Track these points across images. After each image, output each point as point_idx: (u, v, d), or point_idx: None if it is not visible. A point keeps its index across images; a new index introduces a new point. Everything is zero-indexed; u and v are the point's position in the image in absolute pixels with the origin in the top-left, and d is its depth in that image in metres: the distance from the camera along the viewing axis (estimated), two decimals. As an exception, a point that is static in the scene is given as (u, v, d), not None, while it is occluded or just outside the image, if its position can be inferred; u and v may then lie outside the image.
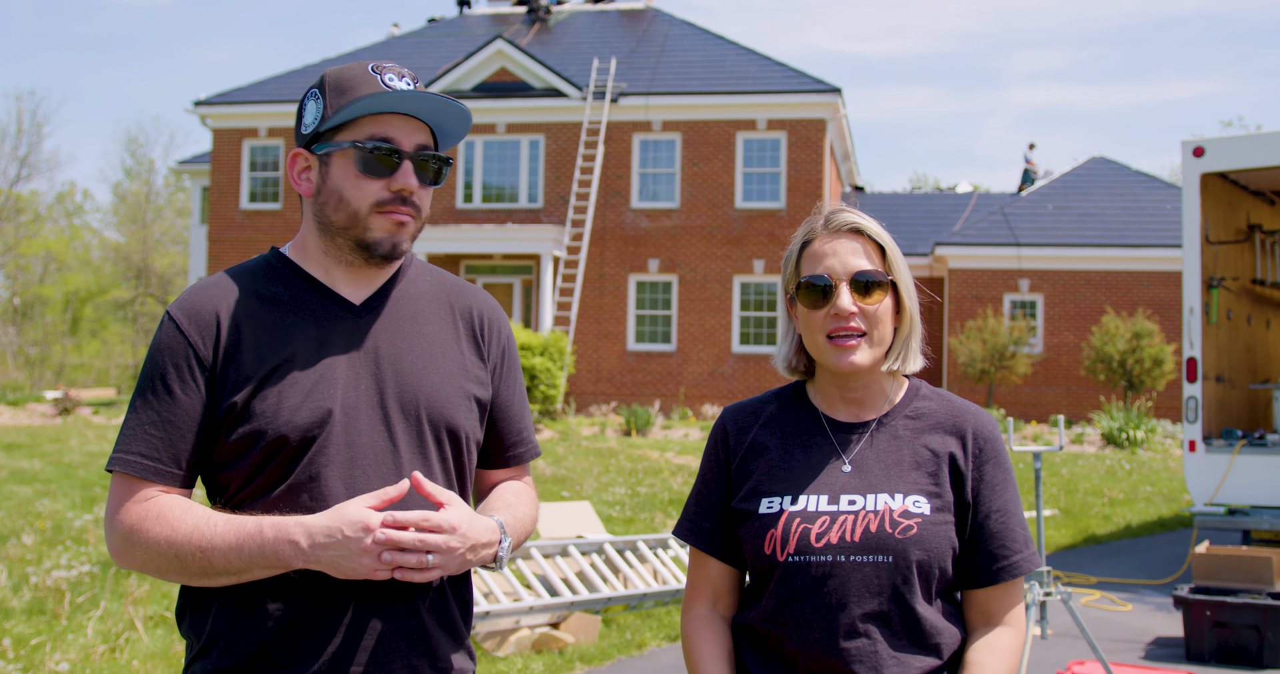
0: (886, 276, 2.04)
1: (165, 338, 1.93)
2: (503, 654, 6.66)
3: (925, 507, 1.98)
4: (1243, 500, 9.44)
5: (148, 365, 1.93)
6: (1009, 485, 2.06)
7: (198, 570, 1.84)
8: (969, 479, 2.02)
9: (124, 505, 1.88)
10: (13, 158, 49.49)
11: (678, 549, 8.37)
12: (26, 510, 10.62)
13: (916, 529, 1.95)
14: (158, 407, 1.90)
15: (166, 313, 1.95)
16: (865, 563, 1.95)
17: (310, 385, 1.91)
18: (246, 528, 1.83)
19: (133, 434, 1.90)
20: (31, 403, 22.78)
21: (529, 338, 19.98)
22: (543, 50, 27.20)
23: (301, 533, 1.80)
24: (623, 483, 13.72)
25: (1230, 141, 9.93)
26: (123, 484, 1.90)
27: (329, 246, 2.01)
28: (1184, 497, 14.28)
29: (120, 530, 1.88)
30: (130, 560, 1.89)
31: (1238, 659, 6.98)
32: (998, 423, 2.16)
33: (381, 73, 1.96)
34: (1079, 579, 9.70)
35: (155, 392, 1.91)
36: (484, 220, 25.13)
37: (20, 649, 6.15)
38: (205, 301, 1.94)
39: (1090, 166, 30.46)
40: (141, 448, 1.89)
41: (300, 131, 2.04)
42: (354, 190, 1.95)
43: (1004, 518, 2.03)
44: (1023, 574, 2.02)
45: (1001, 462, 2.06)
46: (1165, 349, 22.90)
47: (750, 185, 24.61)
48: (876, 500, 1.98)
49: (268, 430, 1.88)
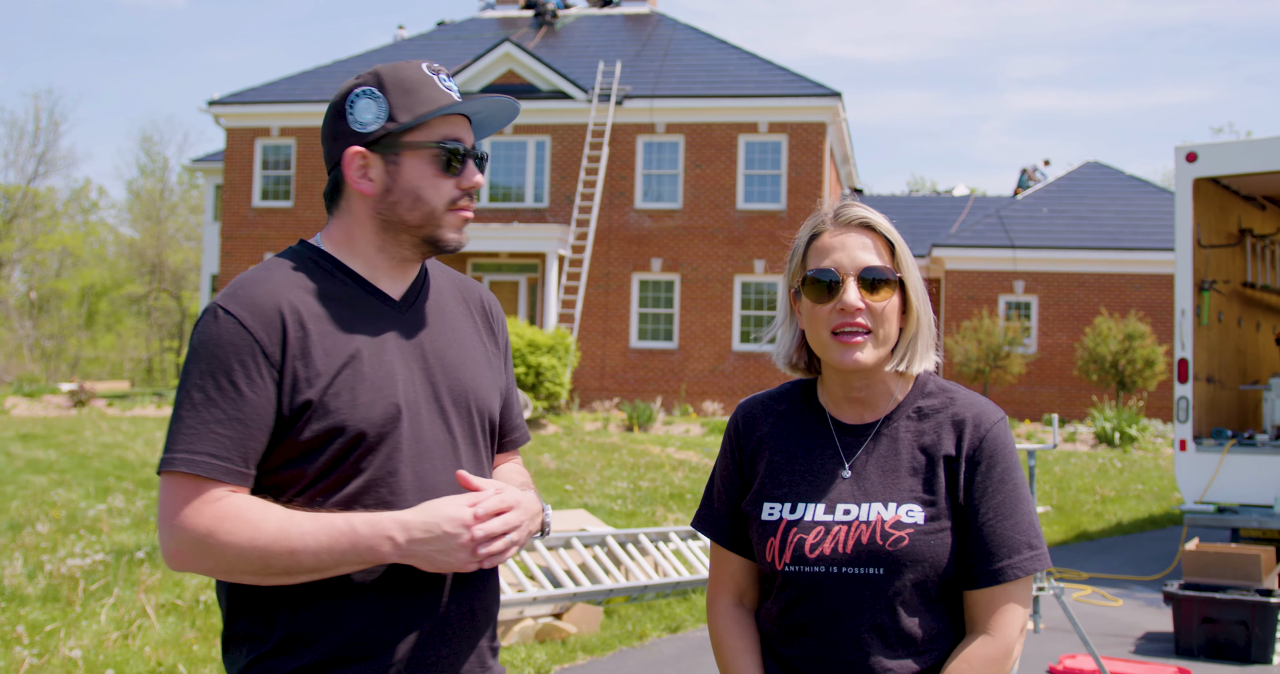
0: (895, 274, 1.95)
1: (226, 334, 1.84)
2: (506, 644, 6.66)
3: (919, 516, 1.89)
4: (1232, 499, 9.43)
5: (204, 362, 1.83)
6: (1005, 486, 1.92)
7: (281, 570, 1.79)
8: (960, 480, 1.92)
9: (191, 507, 1.78)
10: (30, 155, 49.56)
11: (678, 542, 8.37)
12: (42, 500, 10.64)
13: (908, 541, 1.88)
14: (224, 404, 1.81)
15: (221, 308, 1.86)
16: (856, 575, 1.89)
17: (379, 381, 1.90)
18: (337, 525, 1.79)
19: (197, 432, 1.81)
20: (47, 395, 22.80)
21: (536, 336, 19.98)
22: (549, 53, 27.19)
23: (398, 528, 1.80)
24: (625, 477, 13.72)
25: (1222, 147, 9.92)
26: (187, 485, 1.80)
27: (387, 243, 1.99)
28: (1174, 495, 14.27)
29: (192, 534, 1.78)
30: (201, 563, 1.80)
31: (1226, 654, 6.97)
32: (1005, 419, 1.98)
33: (437, 73, 1.98)
34: (1071, 575, 9.70)
35: (220, 388, 1.82)
36: (491, 219, 25.13)
37: (35, 635, 6.16)
38: (265, 297, 1.87)
39: (1084, 171, 30.44)
40: (210, 447, 1.80)
41: (352, 130, 1.97)
42: (432, 190, 1.96)
43: (996, 521, 1.90)
44: (1009, 580, 1.89)
45: (998, 461, 1.93)
46: (1157, 350, 22.89)
47: (751, 187, 24.59)
48: (870, 510, 1.91)
49: (346, 426, 1.85)
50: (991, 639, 1.89)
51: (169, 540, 1.80)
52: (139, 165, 58.32)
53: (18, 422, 18.58)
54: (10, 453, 14.00)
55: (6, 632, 6.16)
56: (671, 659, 6.68)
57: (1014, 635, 1.90)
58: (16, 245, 48.12)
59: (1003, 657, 1.89)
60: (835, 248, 1.96)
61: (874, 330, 1.93)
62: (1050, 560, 1.95)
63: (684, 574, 8.05)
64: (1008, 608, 1.90)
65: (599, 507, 11.57)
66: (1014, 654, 1.91)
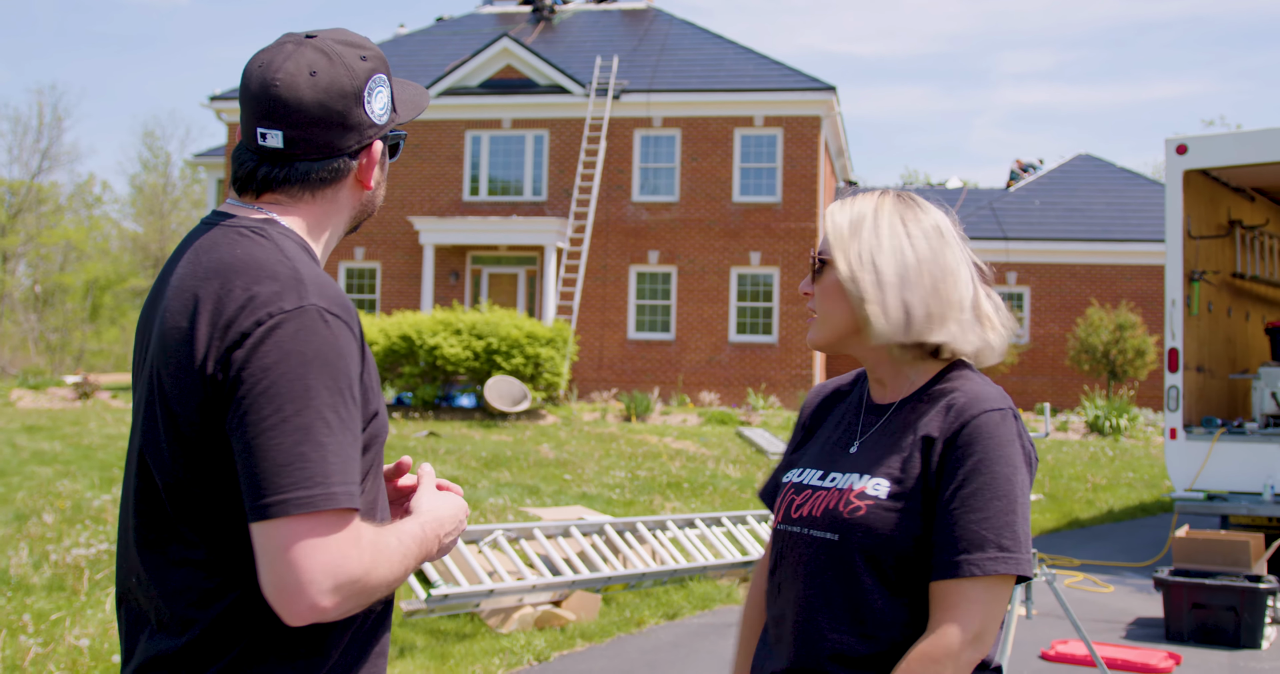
0: (825, 256, 1.97)
1: (344, 343, 1.58)
2: (506, 631, 6.67)
3: (883, 490, 1.85)
4: (1221, 486, 9.45)
5: (329, 376, 1.55)
6: (980, 477, 1.79)
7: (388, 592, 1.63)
8: (933, 464, 1.83)
9: (353, 546, 1.52)
10: (35, 150, 49.46)
11: (676, 531, 8.38)
12: (47, 490, 10.63)
13: (864, 511, 1.84)
14: (352, 425, 1.57)
15: (326, 311, 1.59)
16: (818, 538, 1.89)
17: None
18: (414, 533, 1.67)
19: (346, 461, 1.54)
20: (52, 387, 22.78)
21: (535, 327, 19.96)
22: (547, 48, 27.13)
23: (437, 525, 1.73)
24: (623, 467, 13.73)
25: (1212, 140, 9.91)
26: (338, 523, 1.51)
27: (340, 235, 1.84)
28: (1165, 482, 14.29)
29: (350, 578, 1.51)
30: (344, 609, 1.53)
31: (1215, 639, 6.99)
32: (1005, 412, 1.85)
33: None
34: (1063, 561, 9.71)
35: (347, 406, 1.56)
36: (490, 213, 25.10)
37: (40, 624, 6.16)
38: (345, 299, 1.64)
39: (1076, 163, 30.44)
40: (355, 476, 1.55)
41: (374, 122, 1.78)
42: (385, 178, 1.87)
43: (962, 512, 1.77)
44: (964, 575, 1.75)
45: (978, 450, 1.80)
46: (1147, 340, 22.91)
47: (747, 180, 24.56)
48: (847, 479, 1.91)
49: (384, 430, 1.72)
50: (934, 638, 1.76)
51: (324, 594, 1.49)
52: (141, 160, 58.26)
53: (23, 414, 18.58)
54: (16, 444, 13.99)
55: (13, 621, 6.16)
56: (669, 645, 6.69)
57: (957, 638, 1.74)
58: (21, 240, 48.06)
59: (941, 658, 1.74)
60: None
61: (818, 311, 1.99)
62: (1030, 568, 1.78)
63: (681, 562, 8.06)
64: (961, 607, 1.75)
65: (597, 496, 11.58)
66: (959, 660, 1.74)
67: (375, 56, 1.78)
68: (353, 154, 1.76)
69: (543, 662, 6.24)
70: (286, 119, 1.71)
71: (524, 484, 12.09)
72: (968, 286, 1.93)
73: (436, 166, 25.61)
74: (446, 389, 19.95)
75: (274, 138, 1.72)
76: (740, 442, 17.25)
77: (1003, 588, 1.77)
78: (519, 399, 18.76)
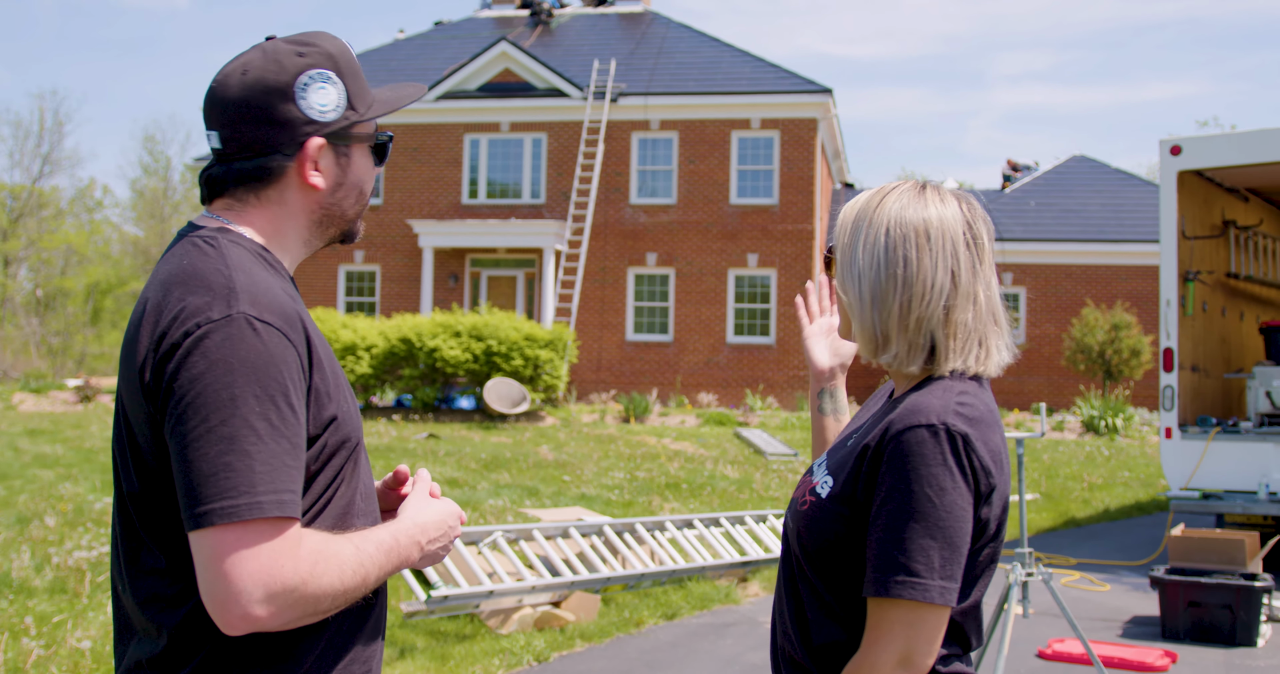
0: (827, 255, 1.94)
1: (275, 350, 1.55)
2: (506, 631, 6.67)
3: (827, 489, 1.79)
4: (1217, 485, 9.45)
5: (261, 384, 1.53)
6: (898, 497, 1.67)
7: (346, 602, 1.59)
8: (862, 476, 1.74)
9: (285, 555, 1.50)
10: (36, 155, 49.43)
11: (674, 531, 8.37)
12: (49, 493, 10.62)
13: (808, 506, 1.81)
14: (287, 432, 1.54)
15: (255, 318, 1.56)
16: (788, 528, 1.89)
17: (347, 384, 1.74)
18: (385, 541, 1.64)
19: (275, 469, 1.51)
20: (54, 390, 22.76)
21: (534, 330, 19.95)
22: (545, 52, 27.14)
23: (420, 532, 1.71)
24: (622, 468, 13.72)
25: (1206, 140, 9.92)
26: (271, 531, 1.49)
27: (313, 237, 1.79)
28: (1160, 482, 14.29)
29: (286, 586, 1.49)
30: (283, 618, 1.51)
31: (1211, 637, 6.99)
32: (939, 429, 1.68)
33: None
34: (1059, 560, 9.71)
35: (281, 414, 1.54)
36: (489, 215, 25.10)
37: (43, 626, 6.16)
38: (286, 304, 1.62)
39: (1071, 164, 30.45)
40: (290, 483, 1.53)
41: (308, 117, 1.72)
42: (369, 182, 1.82)
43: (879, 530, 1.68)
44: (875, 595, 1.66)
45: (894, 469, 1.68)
46: (1143, 340, 22.91)
47: (744, 182, 24.57)
48: (819, 473, 1.86)
49: (351, 435, 1.68)
50: (858, 658, 1.69)
51: (257, 603, 1.48)
52: (142, 164, 58.26)
53: (25, 417, 18.56)
54: (18, 448, 13.98)
55: (15, 623, 6.16)
56: (668, 645, 6.68)
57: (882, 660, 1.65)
58: (22, 244, 48.03)
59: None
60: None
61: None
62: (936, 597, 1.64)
63: (680, 563, 8.05)
64: (883, 627, 1.66)
65: (596, 497, 11.57)
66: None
67: (319, 53, 1.72)
68: (288, 153, 1.71)
69: (542, 662, 6.24)
70: (219, 118, 1.70)
71: (523, 485, 12.08)
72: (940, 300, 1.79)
73: (435, 169, 25.61)
74: (446, 391, 19.94)
75: (214, 138, 1.72)
76: (738, 442, 17.25)
77: (925, 612, 1.65)
78: (518, 401, 18.76)
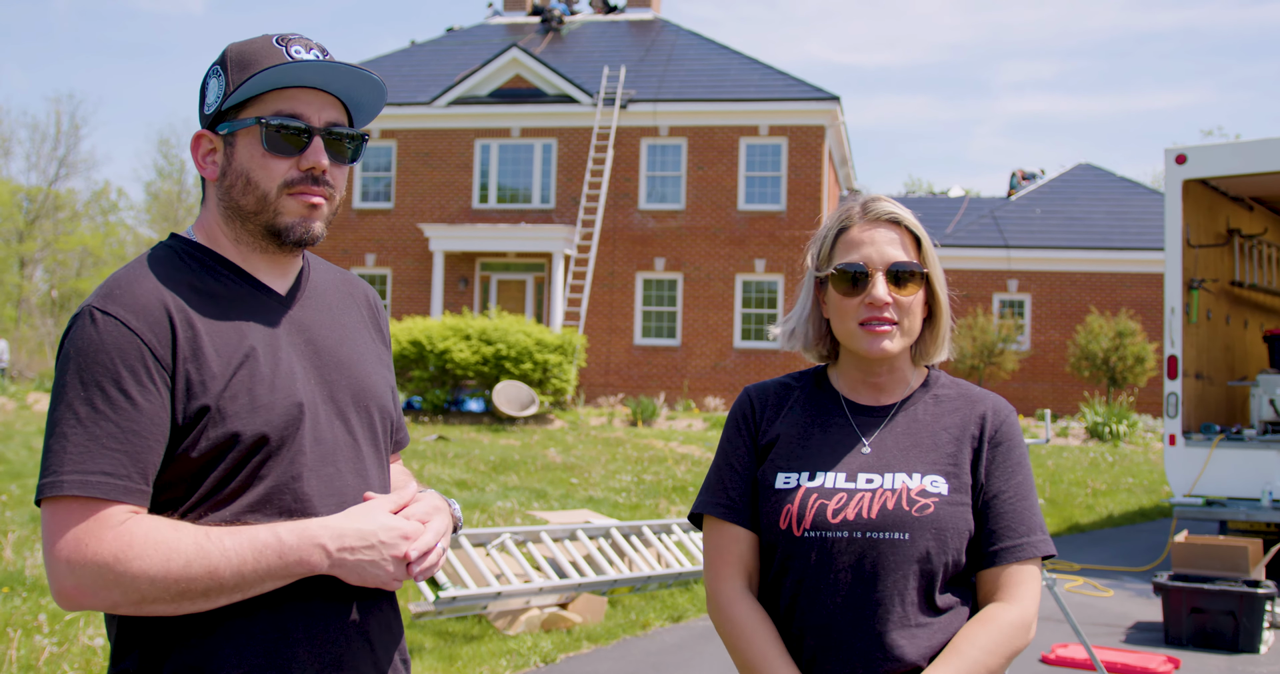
0: (922, 269, 1.96)
1: (110, 338, 1.60)
2: (513, 633, 6.66)
3: (943, 486, 1.90)
4: (1220, 492, 9.41)
5: (86, 371, 1.59)
6: (1020, 470, 1.95)
7: (200, 593, 1.57)
8: (983, 460, 1.94)
9: (90, 535, 1.54)
10: (52, 158, 49.62)
11: (681, 534, 8.36)
12: (62, 493, 10.63)
13: (934, 508, 1.87)
14: (114, 416, 1.58)
15: (97, 309, 1.62)
16: (882, 540, 1.85)
17: (275, 381, 1.70)
18: (260, 538, 1.60)
19: (88, 450, 1.56)
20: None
21: (544, 334, 19.97)
22: (556, 59, 27.17)
23: (329, 536, 1.63)
24: (629, 471, 13.72)
25: (1211, 149, 9.89)
26: (81, 511, 1.55)
27: (240, 233, 1.77)
28: (1164, 488, 14.25)
29: (93, 566, 1.54)
30: (105, 598, 1.55)
31: (1214, 643, 6.96)
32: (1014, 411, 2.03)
33: (287, 44, 1.74)
34: (1063, 566, 9.68)
35: (108, 399, 1.58)
36: (499, 220, 25.12)
37: (55, 624, 6.17)
38: (148, 295, 1.65)
39: (1076, 172, 30.39)
40: (105, 465, 1.56)
41: (203, 112, 1.78)
42: (261, 171, 1.72)
43: (1014, 501, 1.92)
44: (1028, 557, 1.90)
45: (1014, 446, 1.97)
46: (1147, 347, 22.85)
47: (752, 188, 24.56)
48: (895, 479, 1.90)
49: (245, 431, 1.64)
50: (1012, 605, 1.88)
51: (65, 576, 1.54)
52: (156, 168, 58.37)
53: (39, 417, 18.61)
54: (32, 447, 14.01)
55: (28, 621, 6.17)
56: (674, 648, 6.67)
57: (1032, 608, 1.89)
58: (38, 246, 48.18)
59: (1024, 623, 1.88)
60: (864, 242, 1.96)
61: (900, 322, 1.94)
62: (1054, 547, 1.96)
63: (686, 565, 8.04)
64: (1026, 584, 1.90)
65: (603, 500, 11.56)
66: (1030, 629, 1.89)
67: (230, 50, 1.76)
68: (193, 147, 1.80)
69: (549, 663, 6.24)
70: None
71: (531, 488, 12.08)
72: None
73: (446, 174, 25.64)
74: (456, 394, 19.96)
75: None
76: (745, 446, 17.21)
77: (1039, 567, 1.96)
78: (527, 404, 18.76)
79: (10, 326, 44.03)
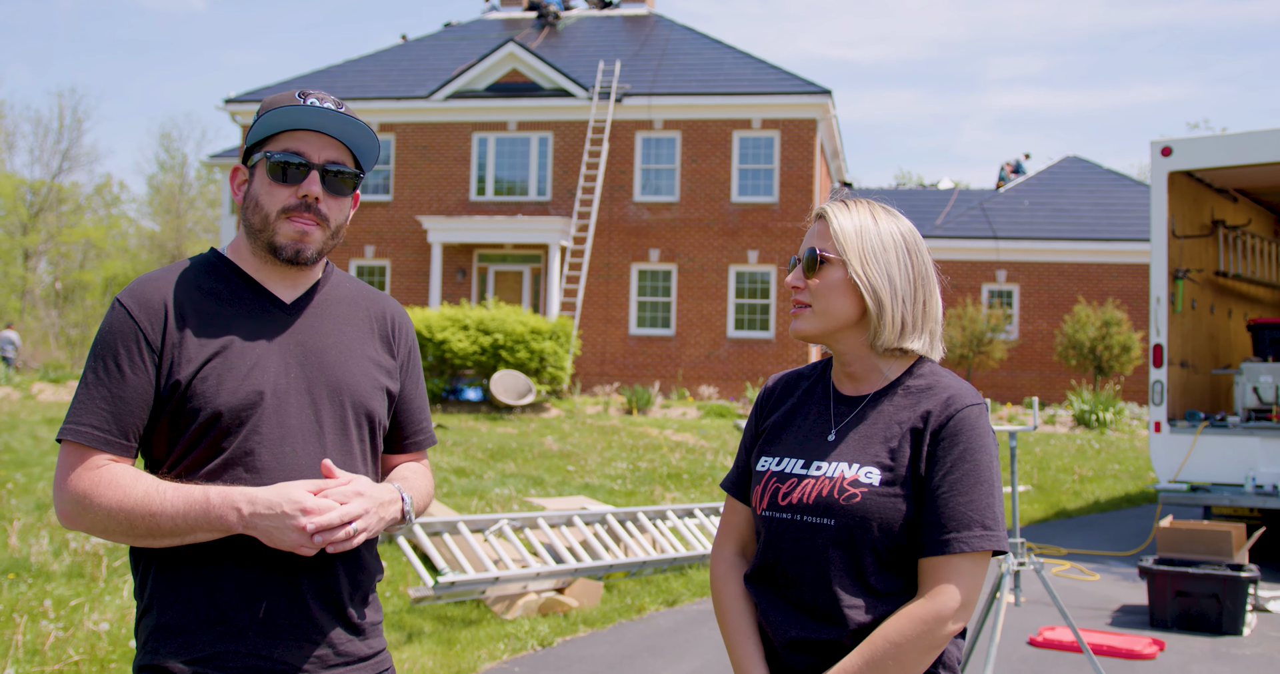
0: (829, 254, 2.02)
1: (116, 322, 2.00)
2: (511, 617, 6.67)
3: (875, 478, 1.94)
4: (1204, 478, 9.44)
5: (98, 347, 2.00)
6: (965, 464, 1.92)
7: (145, 532, 1.92)
8: (923, 453, 1.94)
9: (75, 472, 1.95)
10: (55, 151, 49.47)
11: (675, 520, 8.37)
12: (67, 481, 10.62)
13: (860, 498, 1.93)
14: (109, 384, 1.97)
15: (117, 300, 2.02)
16: (812, 524, 1.96)
17: (246, 370, 2.01)
18: (194, 495, 1.91)
19: (84, 407, 1.97)
20: (72, 380, 22.76)
21: (538, 323, 19.95)
22: (552, 53, 27.10)
23: (245, 501, 1.90)
24: (624, 458, 13.72)
25: (1197, 142, 9.89)
26: (74, 453, 1.96)
27: (254, 248, 2.10)
28: (1149, 474, 14.28)
29: (72, 495, 1.94)
30: (79, 522, 1.95)
31: (1198, 626, 6.99)
32: (983, 407, 1.99)
33: (305, 97, 2.05)
34: (1050, 550, 9.71)
35: (107, 370, 1.98)
36: (495, 212, 25.09)
37: (60, 609, 6.17)
38: (153, 291, 2.02)
39: (1064, 165, 30.40)
40: (93, 420, 1.96)
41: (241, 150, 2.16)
42: (266, 196, 2.05)
43: (950, 496, 1.90)
44: (953, 552, 1.89)
45: (962, 440, 1.93)
46: (1133, 336, 22.88)
47: (745, 181, 24.53)
48: (836, 468, 1.98)
49: (204, 408, 1.97)
50: (926, 602, 1.89)
51: (59, 500, 1.97)
52: (159, 161, 58.22)
53: (44, 406, 18.58)
54: (37, 436, 13.99)
55: (34, 606, 6.17)
56: (669, 631, 6.69)
57: (949, 604, 1.88)
58: (42, 238, 48.06)
59: (931, 619, 1.87)
60: (805, 237, 2.10)
61: (812, 305, 2.04)
62: (1006, 545, 1.91)
63: (681, 550, 8.05)
64: (951, 578, 1.89)
65: (599, 486, 11.57)
66: (946, 624, 1.88)
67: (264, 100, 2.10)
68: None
69: (546, 647, 6.24)
70: None
71: (529, 475, 12.09)
72: (938, 303, 2.06)
73: (444, 167, 25.60)
74: (454, 383, 19.94)
75: None
76: (738, 434, 17.25)
77: (984, 562, 1.93)
78: (524, 393, 18.76)
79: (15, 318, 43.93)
